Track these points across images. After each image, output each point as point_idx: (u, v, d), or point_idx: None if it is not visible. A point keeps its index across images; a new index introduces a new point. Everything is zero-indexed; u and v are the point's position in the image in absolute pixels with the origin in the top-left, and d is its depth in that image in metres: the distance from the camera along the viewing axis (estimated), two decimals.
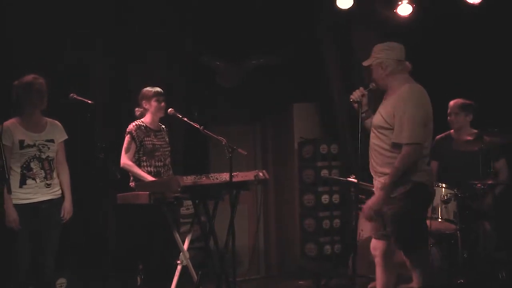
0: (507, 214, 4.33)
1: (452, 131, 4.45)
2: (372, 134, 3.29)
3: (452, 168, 4.24)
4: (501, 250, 4.21)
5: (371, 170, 3.34)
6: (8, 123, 3.35)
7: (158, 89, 4.12)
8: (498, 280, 3.93)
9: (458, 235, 3.99)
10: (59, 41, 4.39)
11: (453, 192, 4.00)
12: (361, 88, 3.33)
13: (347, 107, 5.79)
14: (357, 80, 5.90)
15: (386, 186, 3.14)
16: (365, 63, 3.34)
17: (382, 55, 3.27)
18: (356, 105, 3.32)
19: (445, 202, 3.97)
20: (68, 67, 4.41)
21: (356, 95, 3.32)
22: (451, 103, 4.39)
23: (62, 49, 4.42)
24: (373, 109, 3.40)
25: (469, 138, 4.05)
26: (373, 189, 3.36)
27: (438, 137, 4.48)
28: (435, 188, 3.96)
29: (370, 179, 4.52)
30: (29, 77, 3.44)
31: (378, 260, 3.39)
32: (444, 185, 4.02)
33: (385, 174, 3.19)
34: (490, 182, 3.99)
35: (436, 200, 3.97)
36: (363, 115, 3.34)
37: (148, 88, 4.12)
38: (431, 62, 5.33)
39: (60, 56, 4.39)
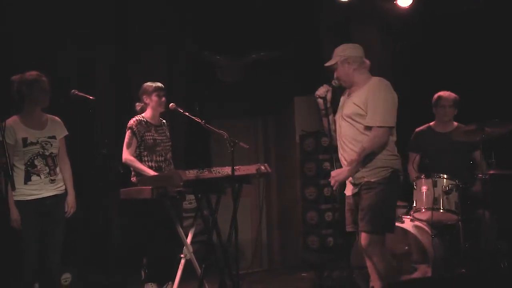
0: (507, 203, 4.34)
1: (432, 123, 4.47)
2: (343, 125, 3.41)
3: (442, 159, 4.23)
4: (502, 240, 4.22)
5: (342, 161, 3.45)
6: (10, 120, 3.35)
7: (159, 84, 4.13)
8: (500, 270, 3.95)
9: (460, 225, 4.01)
10: (61, 38, 4.40)
11: (454, 182, 4.01)
12: (325, 85, 3.47)
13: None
14: None
15: (352, 162, 3.31)
16: (329, 63, 3.46)
17: (347, 53, 3.42)
18: (321, 100, 3.47)
19: (447, 193, 3.98)
20: (69, 65, 4.42)
21: (321, 91, 3.46)
22: (445, 95, 4.39)
23: (63, 47, 4.43)
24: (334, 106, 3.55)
25: (470, 128, 4.06)
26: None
27: (417, 129, 4.51)
28: (436, 179, 4.01)
29: None
30: (32, 74, 3.43)
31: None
32: (445, 176, 4.04)
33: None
34: (491, 172, 3.99)
35: (438, 191, 3.99)
36: (328, 110, 3.49)
37: (149, 83, 4.13)
38: (430, 56, 5.34)
39: (61, 53, 4.40)
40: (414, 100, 4.96)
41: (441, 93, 4.42)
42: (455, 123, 4.39)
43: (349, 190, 3.47)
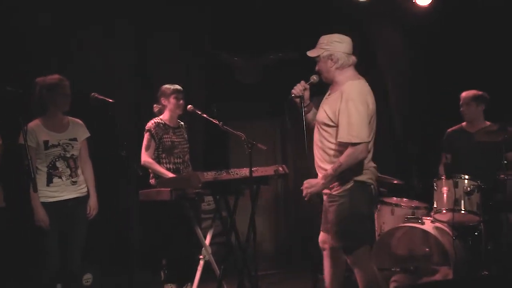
0: None
1: (464, 123, 4.44)
2: (315, 129, 3.18)
3: (471, 160, 4.20)
4: None
5: (315, 165, 3.22)
6: (32, 124, 3.41)
7: (177, 86, 4.15)
8: None
9: (482, 227, 3.95)
10: (81, 41, 4.46)
11: (476, 183, 3.95)
12: (302, 82, 3.15)
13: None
14: (375, 72, 5.87)
15: (327, 177, 3.03)
16: (311, 54, 3.14)
17: (333, 47, 3.11)
18: (298, 100, 3.14)
19: (468, 194, 3.92)
20: (89, 67, 4.47)
21: (298, 89, 3.13)
22: (463, 94, 4.38)
23: (84, 49, 4.48)
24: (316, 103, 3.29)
25: (493, 128, 4.00)
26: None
27: (449, 130, 4.49)
28: (457, 180, 3.95)
29: (388, 172, 4.52)
30: (54, 78, 3.48)
31: (326, 253, 3.31)
32: (466, 176, 3.98)
33: (323, 168, 3.11)
34: None
35: (459, 192, 3.93)
36: (305, 109, 3.16)
37: (167, 85, 4.16)
38: (449, 53, 5.27)
39: (81, 56, 4.45)
40: (442, 99, 4.91)
41: (463, 92, 4.39)
42: (487, 123, 4.28)
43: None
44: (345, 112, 2.99)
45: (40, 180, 3.37)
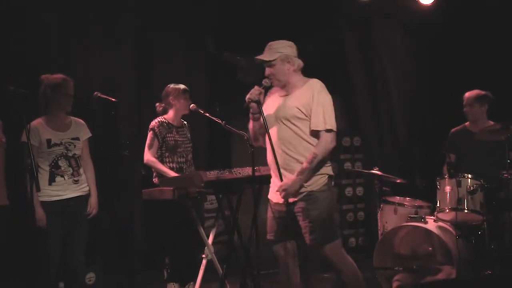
0: None
1: (467, 123, 4.44)
2: (280, 128, 3.19)
3: (475, 159, 4.21)
4: None
5: (272, 166, 3.22)
6: (35, 123, 3.42)
7: (185, 86, 4.15)
8: None
9: (485, 226, 3.94)
10: (83, 40, 4.46)
11: (479, 182, 3.94)
12: (256, 87, 3.21)
13: (369, 99, 5.82)
14: (379, 71, 5.87)
15: (303, 171, 3.10)
16: (267, 57, 3.22)
17: (288, 51, 3.22)
18: (254, 104, 3.19)
19: (471, 193, 3.92)
20: (92, 67, 4.47)
21: (254, 94, 3.18)
22: (466, 94, 4.40)
23: (85, 48, 4.48)
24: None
25: (496, 127, 3.99)
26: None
27: (453, 130, 4.50)
28: (460, 179, 3.95)
29: (391, 171, 4.50)
30: (57, 78, 3.48)
31: (288, 262, 3.32)
32: (470, 175, 3.97)
33: (301, 163, 3.14)
34: None
35: (462, 191, 3.93)
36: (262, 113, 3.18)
37: (175, 86, 4.15)
38: (453, 53, 5.26)
39: (83, 55, 4.46)
40: (444, 99, 4.91)
41: (467, 93, 4.39)
42: (490, 122, 4.30)
43: (275, 197, 3.25)
44: (319, 102, 3.15)
45: (42, 179, 3.37)
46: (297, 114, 3.17)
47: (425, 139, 5.72)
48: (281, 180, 3.13)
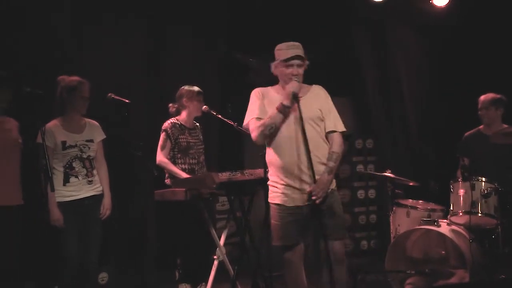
0: None
1: (481, 126, 4.41)
2: (308, 128, 3.15)
3: (488, 162, 4.17)
4: None
5: (297, 167, 3.15)
6: (50, 124, 3.46)
7: (199, 88, 4.17)
8: None
9: (499, 230, 3.90)
10: (96, 41, 4.50)
11: (493, 186, 3.90)
12: (295, 81, 3.18)
13: (382, 101, 5.80)
14: (392, 73, 5.84)
15: (332, 170, 3.19)
16: (304, 57, 3.23)
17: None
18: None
19: (485, 196, 3.88)
20: (104, 67, 4.50)
21: (296, 87, 3.15)
22: (482, 97, 4.36)
23: (99, 50, 4.52)
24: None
25: (510, 130, 3.95)
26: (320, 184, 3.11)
27: (467, 133, 4.46)
28: (474, 182, 3.92)
29: (404, 174, 4.48)
30: (74, 81, 3.51)
31: (301, 266, 3.29)
32: (484, 179, 3.94)
33: (323, 163, 3.18)
34: None
35: (476, 194, 3.89)
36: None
37: (189, 87, 4.17)
38: (467, 55, 5.22)
39: (97, 56, 4.49)
40: (458, 101, 4.87)
41: (482, 96, 4.35)
42: (505, 126, 4.26)
43: (300, 200, 3.18)
44: (332, 105, 3.31)
45: (57, 180, 3.40)
46: (319, 115, 3.25)
47: (438, 141, 5.67)
48: (314, 181, 3.08)
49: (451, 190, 4.05)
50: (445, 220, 4.07)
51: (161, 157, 4.07)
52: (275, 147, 3.22)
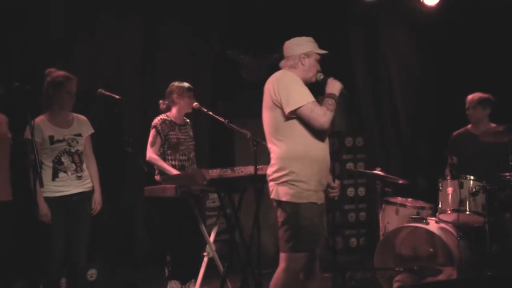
0: None
1: (469, 126, 4.45)
2: None
3: (476, 161, 4.22)
4: None
5: (327, 163, 3.09)
6: (38, 119, 3.42)
7: (189, 84, 4.15)
8: None
9: (487, 227, 3.94)
10: (88, 36, 4.47)
11: (481, 184, 3.94)
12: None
13: (372, 99, 5.83)
14: (383, 71, 5.87)
15: None
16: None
17: None
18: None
19: (474, 194, 3.92)
20: (96, 63, 4.49)
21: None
22: (469, 97, 4.39)
23: (90, 44, 4.49)
24: None
25: (499, 129, 3.99)
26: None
27: (455, 132, 4.51)
28: (462, 180, 3.95)
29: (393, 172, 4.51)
30: (60, 76, 3.47)
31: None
32: (472, 177, 3.97)
33: None
34: None
35: (464, 193, 3.93)
36: None
37: (179, 84, 4.15)
38: (458, 54, 5.25)
39: (88, 51, 4.47)
40: (448, 100, 4.90)
41: (469, 95, 4.38)
42: (492, 125, 4.30)
43: (321, 198, 3.06)
44: None
45: (46, 175, 3.38)
46: None
47: (428, 140, 5.71)
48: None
49: (440, 188, 4.08)
50: (433, 218, 4.10)
51: (151, 153, 4.06)
52: (308, 139, 2.97)
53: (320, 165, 3.00)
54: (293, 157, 2.94)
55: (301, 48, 3.12)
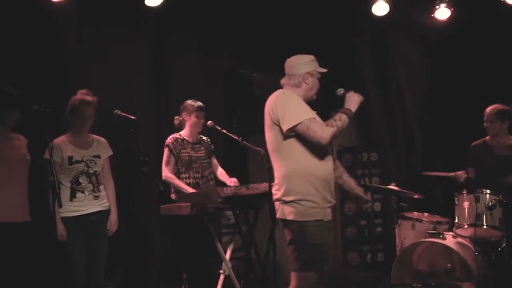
0: None
1: (487, 137, 4.42)
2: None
3: (493, 174, 4.19)
4: None
5: (333, 181, 3.07)
6: (58, 140, 3.50)
7: (201, 104, 4.19)
8: None
9: (505, 242, 3.89)
10: (104, 59, 4.54)
11: (498, 198, 3.90)
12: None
13: (385, 114, 5.81)
14: (394, 86, 5.87)
15: None
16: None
17: None
18: None
19: (490, 208, 3.88)
20: (112, 84, 4.54)
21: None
22: (488, 109, 4.36)
23: (104, 64, 4.55)
24: None
25: None
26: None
27: (473, 144, 4.47)
28: (478, 194, 3.92)
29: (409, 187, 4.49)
30: (76, 100, 3.55)
31: None
32: (488, 191, 3.94)
33: None
34: None
35: (481, 207, 3.89)
36: None
37: (191, 102, 4.20)
38: (469, 68, 5.24)
39: (103, 71, 4.52)
40: (462, 113, 4.89)
41: (488, 108, 4.35)
42: (511, 137, 4.28)
43: (327, 215, 3.02)
44: None
45: (64, 195, 3.43)
46: None
47: (443, 154, 5.68)
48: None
49: (456, 202, 4.05)
50: (450, 233, 4.07)
51: (166, 173, 4.10)
52: (314, 156, 2.95)
53: (324, 182, 2.97)
54: (294, 175, 2.93)
55: (305, 67, 3.14)
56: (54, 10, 4.17)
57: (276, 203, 3.02)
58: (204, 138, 4.32)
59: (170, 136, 4.18)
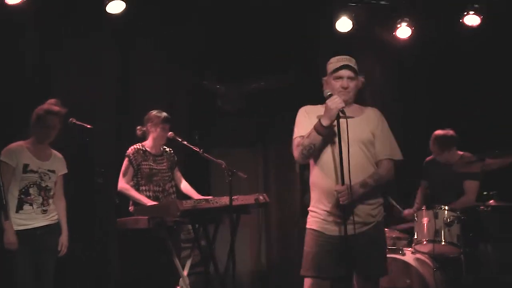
0: (509, 235, 4.28)
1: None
2: (355, 150, 2.86)
3: (441, 189, 4.32)
4: (508, 274, 4.14)
5: (332, 190, 2.85)
6: (15, 144, 3.37)
7: (166, 115, 4.11)
8: None
9: (462, 258, 3.94)
10: (61, 64, 4.42)
11: (456, 214, 3.96)
12: (337, 97, 2.90)
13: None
14: (358, 103, 5.93)
15: (367, 186, 2.86)
16: (355, 67, 3.03)
17: None
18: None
19: (448, 225, 3.94)
20: (70, 92, 4.41)
21: (338, 103, 2.85)
22: (433, 135, 4.43)
23: (63, 72, 4.44)
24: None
25: (470, 159, 4.06)
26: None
27: (427, 159, 4.57)
28: (437, 211, 3.97)
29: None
30: (42, 110, 3.41)
31: None
32: (447, 207, 4.00)
33: None
34: (492, 203, 3.95)
35: (439, 223, 3.94)
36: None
37: (157, 113, 4.11)
38: (430, 85, 5.35)
39: (61, 80, 4.41)
40: (422, 129, 4.96)
41: (434, 132, 4.45)
42: (460, 153, 4.37)
43: (331, 230, 2.92)
44: (388, 131, 3.05)
45: (10, 206, 3.26)
46: (371, 139, 2.96)
47: (401, 169, 5.75)
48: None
49: (415, 218, 4.09)
50: (409, 249, 4.10)
51: (122, 184, 3.98)
52: (319, 168, 2.93)
53: (329, 196, 2.88)
54: (311, 185, 3.04)
55: (327, 71, 3.13)
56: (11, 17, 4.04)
57: None
58: (168, 149, 4.23)
59: (132, 147, 4.07)
